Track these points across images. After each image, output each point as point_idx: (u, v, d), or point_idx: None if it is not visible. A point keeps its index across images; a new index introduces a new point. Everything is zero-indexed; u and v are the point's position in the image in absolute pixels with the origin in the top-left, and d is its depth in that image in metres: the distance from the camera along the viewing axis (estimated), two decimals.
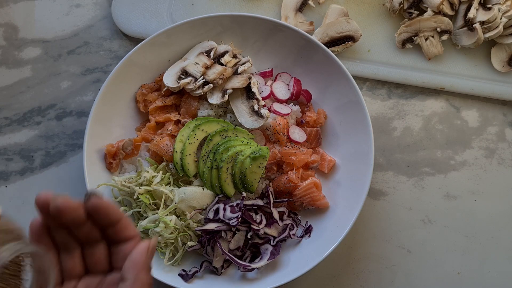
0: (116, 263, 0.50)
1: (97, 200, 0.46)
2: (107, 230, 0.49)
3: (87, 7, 0.96)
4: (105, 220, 0.48)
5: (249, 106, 0.83)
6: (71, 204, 0.45)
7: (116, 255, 0.50)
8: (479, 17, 0.86)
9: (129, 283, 0.47)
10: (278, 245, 0.80)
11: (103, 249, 0.50)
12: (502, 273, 0.86)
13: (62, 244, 0.49)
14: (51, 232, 0.49)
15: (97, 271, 0.50)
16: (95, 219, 0.48)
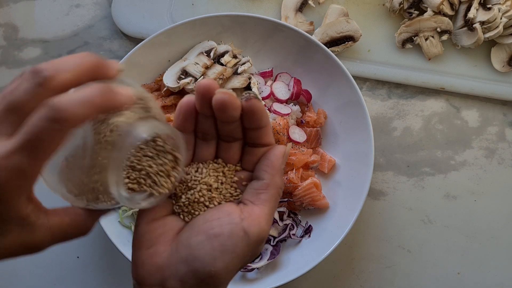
0: (247, 163, 0.49)
1: (256, 102, 0.46)
2: (251, 132, 0.48)
3: (87, 7, 0.96)
4: (256, 123, 0.47)
5: None
6: (235, 102, 0.45)
7: (249, 156, 0.49)
8: (479, 17, 0.86)
9: (265, 183, 0.47)
10: (278, 245, 0.80)
11: (238, 147, 0.49)
12: (502, 273, 0.86)
13: (203, 132, 0.48)
14: (197, 117, 0.47)
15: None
16: (247, 119, 0.47)
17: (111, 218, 0.81)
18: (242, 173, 0.49)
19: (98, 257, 0.87)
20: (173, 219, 0.47)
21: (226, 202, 0.48)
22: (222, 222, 0.44)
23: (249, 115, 0.46)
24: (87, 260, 0.87)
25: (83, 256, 0.87)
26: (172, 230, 0.47)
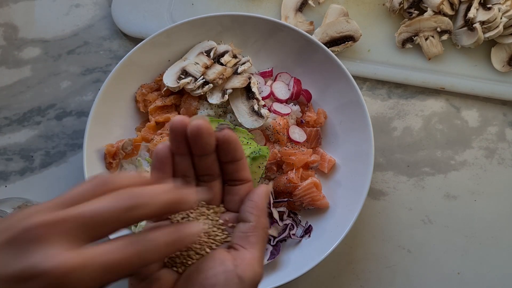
0: (229, 203, 0.50)
1: (230, 132, 0.46)
2: (228, 166, 0.48)
3: (87, 7, 0.96)
4: (231, 155, 0.47)
5: (249, 106, 0.83)
6: (210, 127, 0.45)
7: (230, 196, 0.50)
8: (479, 17, 0.86)
9: (252, 225, 0.47)
10: (278, 245, 0.80)
11: (219, 187, 0.50)
12: (502, 273, 0.86)
13: (182, 174, 0.48)
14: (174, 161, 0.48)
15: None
16: (222, 150, 0.47)
17: None
18: (227, 215, 0.50)
19: None
20: (166, 272, 0.47)
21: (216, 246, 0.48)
22: (216, 271, 0.44)
23: (224, 146, 0.47)
24: None
25: None
26: (167, 284, 0.46)
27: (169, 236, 0.41)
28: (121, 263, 0.38)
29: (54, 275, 0.34)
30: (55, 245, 0.35)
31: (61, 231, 0.36)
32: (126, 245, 0.38)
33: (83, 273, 0.35)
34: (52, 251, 0.35)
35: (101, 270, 0.36)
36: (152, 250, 0.39)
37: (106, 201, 0.38)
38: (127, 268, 0.38)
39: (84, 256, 0.36)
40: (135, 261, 0.38)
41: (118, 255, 0.38)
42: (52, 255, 0.35)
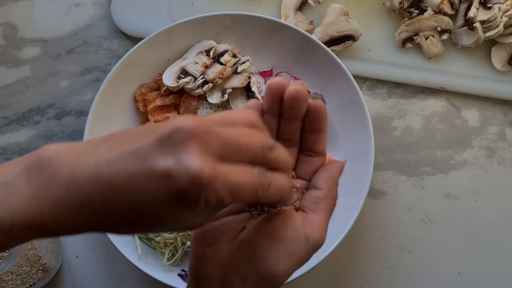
0: (301, 172, 0.51)
1: (322, 103, 0.47)
2: (310, 136, 0.49)
3: (87, 6, 0.96)
4: (317, 125, 0.48)
5: None
6: (306, 94, 0.46)
7: (304, 165, 0.51)
8: (479, 17, 0.86)
9: (324, 193, 0.49)
10: None
11: (294, 153, 0.51)
12: (502, 273, 0.86)
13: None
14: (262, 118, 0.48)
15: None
16: (310, 119, 0.48)
17: None
18: (298, 181, 0.51)
19: (98, 257, 0.87)
20: (235, 219, 0.49)
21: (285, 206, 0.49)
22: (286, 226, 0.47)
23: (313, 115, 0.47)
24: (87, 260, 0.87)
25: (83, 256, 0.87)
26: (235, 230, 0.48)
27: (288, 182, 0.43)
28: (247, 188, 0.39)
29: (195, 177, 0.36)
30: (198, 151, 0.37)
31: (206, 142, 0.37)
32: (256, 174, 0.40)
33: (217, 185, 0.37)
34: (197, 155, 0.37)
35: (228, 187, 0.38)
36: (273, 188, 0.41)
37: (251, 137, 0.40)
38: (248, 195, 0.40)
39: (221, 169, 0.38)
40: (259, 191, 0.40)
41: (247, 179, 0.39)
42: (197, 158, 0.37)
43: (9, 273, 0.74)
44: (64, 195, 0.39)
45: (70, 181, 0.39)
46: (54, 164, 0.40)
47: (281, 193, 0.42)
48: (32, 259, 0.76)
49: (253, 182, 0.40)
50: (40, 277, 0.78)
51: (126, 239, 0.80)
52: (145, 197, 0.38)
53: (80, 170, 0.39)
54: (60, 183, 0.39)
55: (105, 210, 0.39)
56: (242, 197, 0.39)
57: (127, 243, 0.79)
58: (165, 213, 0.39)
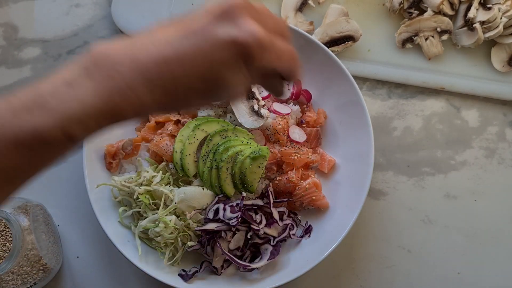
0: None
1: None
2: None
3: (87, 7, 0.96)
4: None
5: (249, 106, 0.83)
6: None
7: None
8: (479, 17, 0.86)
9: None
10: (278, 245, 0.80)
11: None
12: (502, 273, 0.86)
13: None
14: None
15: None
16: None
17: (111, 218, 0.81)
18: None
19: (98, 257, 0.87)
20: None
21: None
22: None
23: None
24: (87, 260, 0.87)
25: (83, 256, 0.87)
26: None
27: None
28: (288, 55, 0.48)
29: (259, 39, 0.44)
30: (250, 20, 0.45)
31: (253, 15, 0.45)
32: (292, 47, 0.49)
33: (272, 47, 0.46)
34: (255, 24, 0.45)
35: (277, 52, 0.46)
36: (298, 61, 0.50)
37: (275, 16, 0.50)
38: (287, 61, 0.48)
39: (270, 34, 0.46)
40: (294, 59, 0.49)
41: (289, 48, 0.48)
42: (256, 26, 0.45)
43: (10, 273, 0.74)
44: (131, 81, 0.43)
45: (135, 68, 0.44)
46: (112, 58, 0.44)
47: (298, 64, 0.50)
48: (33, 259, 0.76)
49: (292, 51, 0.48)
50: (40, 277, 0.78)
51: (127, 239, 0.80)
52: (211, 63, 0.44)
53: (143, 57, 0.44)
54: (125, 72, 0.43)
55: (175, 83, 0.44)
56: (283, 63, 0.48)
57: (128, 243, 0.79)
58: (229, 75, 0.45)
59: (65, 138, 0.43)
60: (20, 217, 0.76)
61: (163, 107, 0.47)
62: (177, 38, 0.45)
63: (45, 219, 0.82)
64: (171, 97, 0.45)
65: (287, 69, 0.50)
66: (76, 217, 0.88)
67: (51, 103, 0.42)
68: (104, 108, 0.43)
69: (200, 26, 0.45)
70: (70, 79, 0.43)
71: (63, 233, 0.88)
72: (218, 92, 0.47)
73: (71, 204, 0.88)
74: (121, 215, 0.81)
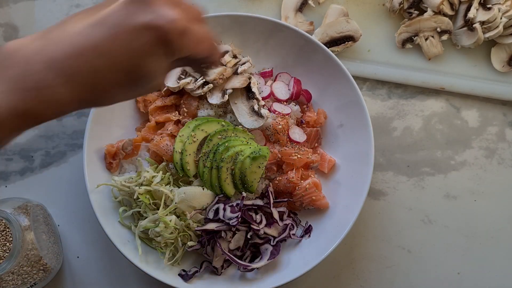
0: None
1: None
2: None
3: (87, 7, 0.96)
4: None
5: (249, 106, 0.83)
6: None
7: None
8: (479, 17, 0.86)
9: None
10: (278, 245, 0.80)
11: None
12: (502, 273, 0.86)
13: None
14: None
15: None
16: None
17: (111, 218, 0.81)
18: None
19: (98, 257, 0.87)
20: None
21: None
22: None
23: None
24: (87, 260, 0.87)
25: (83, 256, 0.87)
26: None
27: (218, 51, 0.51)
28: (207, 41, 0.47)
29: (175, 24, 0.43)
30: (165, 6, 0.43)
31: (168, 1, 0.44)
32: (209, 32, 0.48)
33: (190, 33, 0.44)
34: (171, 8, 0.43)
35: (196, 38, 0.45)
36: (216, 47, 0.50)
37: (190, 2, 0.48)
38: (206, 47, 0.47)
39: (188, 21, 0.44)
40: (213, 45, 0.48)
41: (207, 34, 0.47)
42: (172, 10, 0.43)
43: (10, 273, 0.74)
44: (47, 78, 0.41)
45: (49, 64, 0.41)
46: (24, 55, 0.41)
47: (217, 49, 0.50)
48: (33, 259, 0.76)
49: (210, 35, 0.47)
50: (41, 277, 0.78)
51: (127, 239, 0.80)
52: (130, 52, 0.42)
53: (55, 52, 0.41)
54: (38, 69, 0.41)
55: (93, 77, 0.42)
56: (202, 49, 0.46)
57: (128, 243, 0.79)
58: (149, 64, 0.44)
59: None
60: (21, 217, 0.76)
61: (85, 103, 0.44)
62: (90, 27, 0.42)
63: (45, 219, 0.82)
64: (91, 92, 0.43)
65: (206, 53, 0.48)
66: (76, 217, 0.88)
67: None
68: (19, 108, 0.40)
69: (114, 13, 0.42)
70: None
71: (63, 233, 0.88)
72: (141, 82, 0.45)
73: (71, 204, 0.88)
74: (121, 215, 0.81)
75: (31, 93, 0.41)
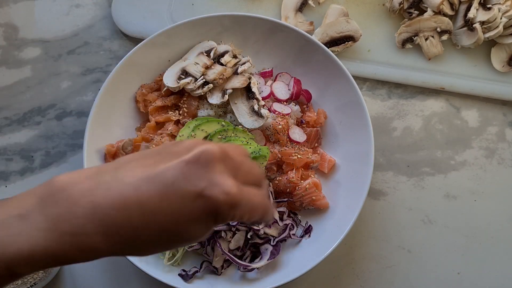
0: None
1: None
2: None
3: (87, 7, 0.96)
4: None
5: (249, 106, 0.83)
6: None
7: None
8: (479, 17, 0.86)
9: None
10: (278, 245, 0.80)
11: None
12: (502, 273, 0.86)
13: None
14: None
15: None
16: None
17: None
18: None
19: None
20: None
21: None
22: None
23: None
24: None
25: None
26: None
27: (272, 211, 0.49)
28: (260, 209, 0.45)
29: (229, 197, 0.41)
30: (225, 173, 0.42)
31: (227, 165, 0.43)
32: (265, 196, 0.47)
33: (243, 204, 0.42)
34: (226, 177, 0.42)
35: (249, 207, 0.43)
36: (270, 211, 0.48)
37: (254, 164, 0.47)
38: (260, 214, 0.45)
39: (244, 190, 0.43)
40: (266, 211, 0.46)
41: (261, 200, 0.45)
42: (227, 179, 0.42)
43: None
44: (86, 226, 0.40)
45: (92, 211, 0.40)
46: (70, 195, 0.40)
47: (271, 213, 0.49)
48: None
49: (265, 203, 0.46)
50: (40, 277, 0.78)
51: None
52: (177, 216, 0.41)
53: (102, 198, 0.40)
54: (80, 214, 0.40)
55: (134, 234, 0.41)
56: (255, 216, 0.45)
57: None
58: (194, 230, 0.42)
59: (8, 274, 0.40)
60: None
61: (117, 253, 0.43)
62: (142, 181, 0.41)
63: None
64: (127, 245, 0.42)
65: (258, 221, 0.47)
66: None
67: (1, 236, 0.39)
68: (53, 250, 0.40)
69: (170, 172, 0.41)
70: (24, 211, 0.40)
71: None
72: (179, 244, 0.44)
73: None
74: None
75: (68, 237, 0.40)
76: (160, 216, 0.40)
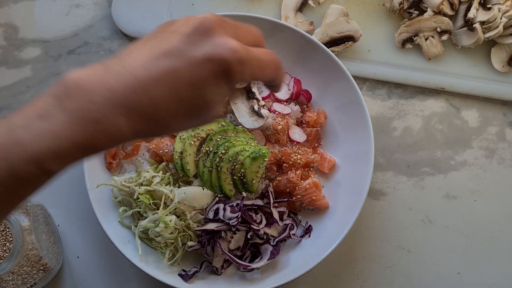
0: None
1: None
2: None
3: (87, 7, 0.96)
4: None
5: (249, 106, 0.83)
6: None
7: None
8: (479, 17, 0.86)
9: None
10: (278, 245, 0.80)
11: None
12: (502, 273, 0.86)
13: None
14: None
15: None
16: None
17: (111, 218, 0.81)
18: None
19: (98, 257, 0.87)
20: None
21: None
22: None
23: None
24: (87, 260, 0.87)
25: (83, 256, 0.87)
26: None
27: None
28: (270, 65, 0.48)
29: (236, 54, 0.43)
30: (225, 36, 0.44)
31: (226, 29, 0.44)
32: (273, 54, 0.48)
33: (251, 60, 0.44)
34: (229, 38, 0.43)
35: (258, 63, 0.46)
36: (282, 68, 0.50)
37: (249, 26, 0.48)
38: (271, 70, 0.48)
39: (248, 48, 0.45)
40: (278, 67, 0.49)
41: (270, 57, 0.48)
42: (231, 40, 0.43)
43: (10, 273, 0.74)
44: (107, 110, 0.41)
45: (110, 96, 0.42)
46: (84, 87, 0.42)
47: (282, 70, 0.51)
48: (33, 259, 0.76)
49: (275, 60, 0.48)
50: (41, 277, 0.78)
51: (127, 239, 0.80)
52: (192, 84, 0.43)
53: (116, 83, 0.42)
54: (99, 101, 0.41)
55: (153, 109, 0.43)
56: (267, 73, 0.47)
57: (128, 244, 0.79)
58: (210, 94, 0.44)
59: (41, 173, 0.41)
60: (20, 217, 0.76)
61: (142, 134, 0.45)
62: (151, 60, 0.43)
63: (45, 219, 0.82)
64: (150, 124, 0.44)
65: (270, 79, 0.49)
66: (76, 217, 0.88)
67: (25, 138, 0.40)
68: (79, 140, 0.41)
69: (174, 46, 0.43)
70: (43, 111, 0.41)
71: (63, 233, 0.88)
72: (200, 114, 0.46)
73: (71, 204, 0.88)
74: (121, 215, 0.81)
75: (91, 125, 0.41)
76: (176, 87, 0.43)
